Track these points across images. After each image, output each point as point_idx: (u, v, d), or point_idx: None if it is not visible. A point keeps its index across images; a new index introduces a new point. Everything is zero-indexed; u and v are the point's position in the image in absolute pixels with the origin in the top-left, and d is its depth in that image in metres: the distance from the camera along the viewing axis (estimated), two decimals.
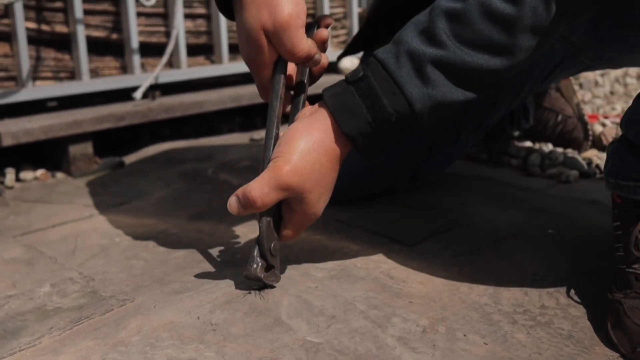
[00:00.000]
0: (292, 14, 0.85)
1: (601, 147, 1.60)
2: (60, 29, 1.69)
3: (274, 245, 0.88)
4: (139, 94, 1.73)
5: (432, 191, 1.33)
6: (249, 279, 0.87)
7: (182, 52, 1.90)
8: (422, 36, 0.82)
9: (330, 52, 2.00)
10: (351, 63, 2.12)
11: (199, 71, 1.97)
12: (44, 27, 1.67)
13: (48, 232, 1.21)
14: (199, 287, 0.90)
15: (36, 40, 1.67)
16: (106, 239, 1.16)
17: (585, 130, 1.59)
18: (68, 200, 1.39)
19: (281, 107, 0.91)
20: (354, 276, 0.94)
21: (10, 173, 1.53)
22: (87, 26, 1.73)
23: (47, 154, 1.63)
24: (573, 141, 1.59)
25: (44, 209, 1.34)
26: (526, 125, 1.59)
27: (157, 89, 1.84)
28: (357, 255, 1.03)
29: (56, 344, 0.80)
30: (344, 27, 2.29)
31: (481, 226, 1.16)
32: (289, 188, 0.84)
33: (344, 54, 1.32)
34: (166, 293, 0.90)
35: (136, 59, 1.81)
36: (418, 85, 0.81)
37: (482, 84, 0.84)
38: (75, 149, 1.59)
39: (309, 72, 0.94)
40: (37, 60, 1.68)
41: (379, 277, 0.94)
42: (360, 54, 1.41)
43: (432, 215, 1.22)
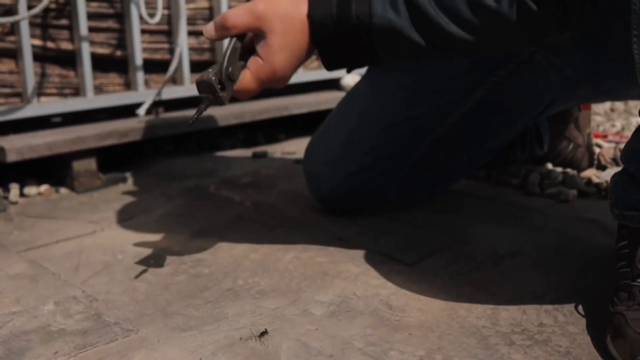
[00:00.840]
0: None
1: (600, 167, 1.61)
2: (65, 46, 1.71)
3: (232, 69, 0.91)
4: (142, 110, 1.75)
5: (433, 208, 1.35)
6: (200, 82, 0.89)
7: (186, 68, 1.92)
8: None
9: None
10: (353, 80, 2.13)
11: None
12: (49, 44, 1.69)
13: (52, 247, 1.22)
14: (201, 326, 0.92)
15: (41, 57, 1.69)
16: (109, 255, 1.17)
17: (590, 160, 1.60)
18: (72, 215, 1.41)
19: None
20: (352, 310, 0.96)
21: (15, 188, 1.54)
22: (92, 43, 1.75)
23: (51, 170, 1.65)
24: (575, 167, 1.59)
25: (48, 225, 1.35)
26: (540, 151, 1.56)
27: (161, 105, 1.85)
28: (357, 280, 1.05)
29: None
30: None
31: (481, 245, 1.17)
32: (259, 17, 0.90)
33: (348, 70, 1.34)
34: (170, 328, 0.92)
35: (140, 75, 1.82)
36: (386, 6, 0.88)
37: (436, 39, 0.89)
38: (79, 165, 1.60)
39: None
40: (42, 76, 1.70)
41: (377, 309, 0.96)
42: (363, 70, 1.42)
43: (432, 233, 1.23)
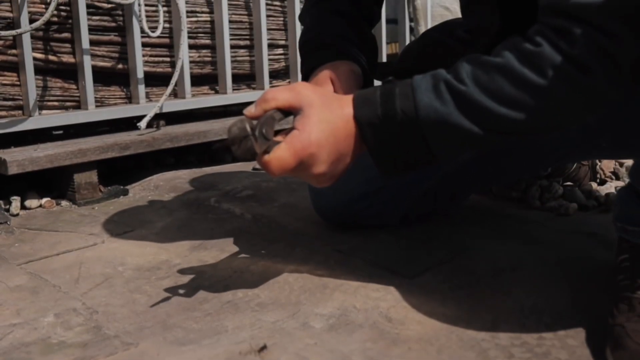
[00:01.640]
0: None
1: (599, 180, 1.61)
2: (67, 59, 1.72)
3: (266, 129, 0.86)
4: (143, 123, 1.76)
5: (433, 222, 1.35)
6: (232, 126, 0.85)
7: (187, 82, 1.93)
8: (450, 72, 0.87)
9: None
10: None
11: (203, 101, 1.99)
12: (51, 57, 1.70)
13: (52, 260, 1.22)
14: (200, 340, 0.92)
15: (43, 70, 1.70)
16: (110, 268, 1.17)
17: (593, 177, 1.59)
18: (72, 228, 1.41)
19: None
20: (352, 323, 0.95)
21: (16, 201, 1.54)
22: (94, 56, 1.76)
23: (52, 182, 1.65)
24: (578, 184, 1.58)
25: (49, 237, 1.35)
26: (544, 172, 1.55)
27: (162, 118, 1.86)
28: (357, 293, 1.05)
29: None
30: None
31: (480, 258, 1.17)
32: (299, 91, 0.88)
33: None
34: (169, 342, 0.92)
35: (141, 88, 1.83)
36: (430, 97, 0.86)
37: (488, 124, 0.85)
38: (80, 178, 1.61)
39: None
40: (44, 89, 1.70)
41: (377, 322, 0.96)
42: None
43: (432, 247, 1.23)
